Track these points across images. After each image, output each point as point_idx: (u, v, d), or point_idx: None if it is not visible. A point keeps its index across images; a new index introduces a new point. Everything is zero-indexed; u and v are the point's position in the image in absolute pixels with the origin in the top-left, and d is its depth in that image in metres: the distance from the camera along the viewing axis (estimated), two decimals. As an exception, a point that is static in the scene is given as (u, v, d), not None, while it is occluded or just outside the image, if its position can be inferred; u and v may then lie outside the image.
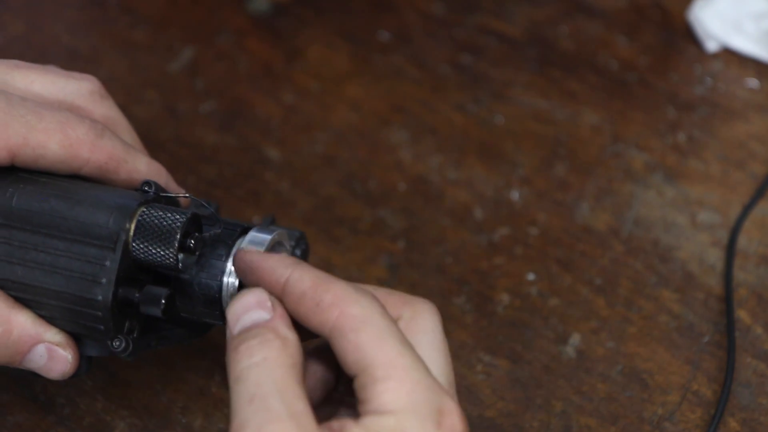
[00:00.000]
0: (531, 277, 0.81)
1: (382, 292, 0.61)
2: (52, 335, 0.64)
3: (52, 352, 0.64)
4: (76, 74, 0.69)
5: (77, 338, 0.65)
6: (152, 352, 0.76)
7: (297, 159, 0.88)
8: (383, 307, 0.58)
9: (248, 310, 0.58)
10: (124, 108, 0.71)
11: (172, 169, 0.71)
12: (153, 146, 0.76)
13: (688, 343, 0.77)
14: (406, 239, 0.83)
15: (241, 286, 0.65)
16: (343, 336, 0.57)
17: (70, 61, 0.94)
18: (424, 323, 0.60)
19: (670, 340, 0.77)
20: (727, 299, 0.79)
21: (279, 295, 0.59)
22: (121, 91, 0.91)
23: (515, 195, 0.86)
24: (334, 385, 0.62)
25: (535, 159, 0.88)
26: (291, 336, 0.57)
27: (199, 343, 0.76)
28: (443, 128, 0.90)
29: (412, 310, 0.60)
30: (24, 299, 0.63)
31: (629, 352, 0.77)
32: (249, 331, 0.58)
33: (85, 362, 0.66)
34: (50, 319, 0.64)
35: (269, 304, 0.58)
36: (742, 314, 0.78)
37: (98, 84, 0.69)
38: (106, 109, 0.69)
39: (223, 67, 0.95)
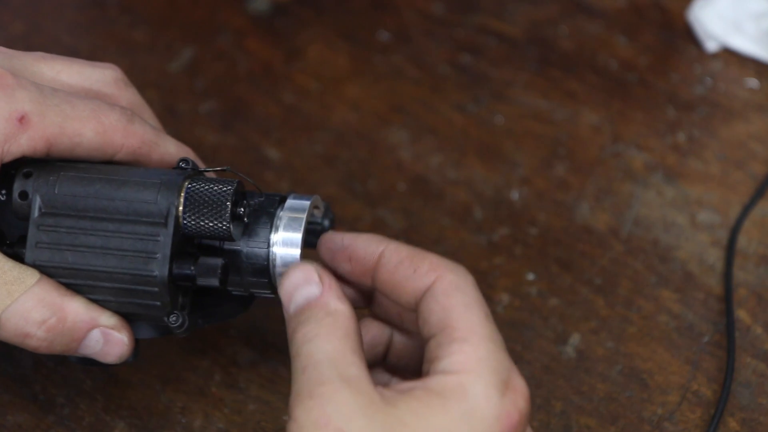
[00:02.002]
0: (531, 277, 0.81)
1: None
2: (107, 319, 0.64)
3: (107, 336, 0.65)
4: (100, 63, 0.70)
5: (129, 321, 0.65)
6: (153, 351, 0.76)
7: (297, 159, 0.88)
8: (474, 280, 0.61)
9: (298, 287, 0.60)
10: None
11: (172, 169, 0.71)
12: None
13: (688, 343, 0.77)
14: (406, 239, 0.83)
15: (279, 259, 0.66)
16: (434, 297, 0.59)
17: (70, 61, 0.94)
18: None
19: (670, 340, 0.77)
20: (727, 299, 0.79)
21: (371, 265, 0.62)
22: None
23: (515, 195, 0.86)
24: (385, 349, 0.65)
25: (535, 159, 0.88)
26: (341, 307, 0.60)
27: (199, 343, 0.76)
28: (443, 128, 0.90)
29: None
30: (75, 285, 0.64)
31: (629, 352, 0.76)
32: (303, 312, 0.60)
33: (135, 347, 0.66)
34: (103, 303, 0.64)
35: (317, 278, 0.60)
36: (742, 314, 0.78)
37: (121, 72, 0.70)
38: (130, 95, 0.70)
39: (223, 67, 0.95)
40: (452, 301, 0.59)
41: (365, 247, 0.63)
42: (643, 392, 0.75)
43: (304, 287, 0.60)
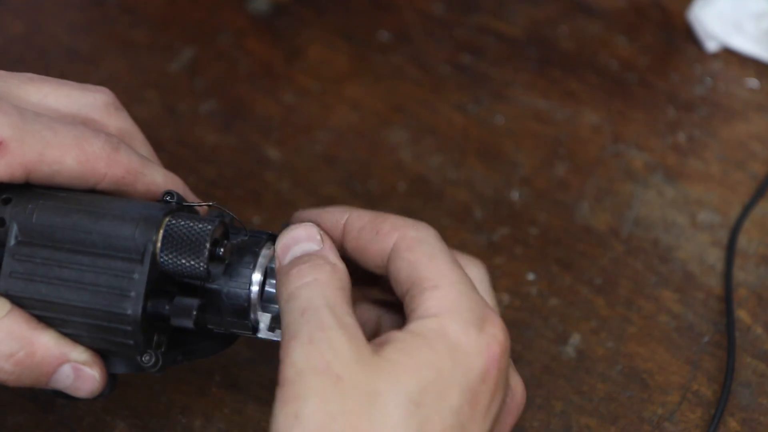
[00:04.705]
0: (531, 277, 0.81)
1: None
2: (78, 354, 0.63)
3: (78, 372, 0.63)
4: (90, 86, 0.68)
5: (103, 355, 0.64)
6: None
7: (297, 159, 0.88)
8: (437, 233, 0.62)
9: (298, 242, 0.62)
10: (124, 108, 0.71)
11: (172, 169, 0.70)
12: (153, 147, 0.75)
13: (688, 343, 0.77)
14: (406, 239, 0.83)
15: (262, 296, 0.64)
16: (399, 255, 0.61)
17: (70, 61, 0.94)
18: (470, 272, 0.64)
19: (670, 340, 0.77)
20: (727, 299, 0.79)
21: (339, 235, 0.63)
22: (121, 91, 0.90)
23: (515, 195, 0.86)
24: (373, 332, 0.66)
25: (535, 159, 0.88)
26: (340, 264, 0.61)
27: (199, 343, 0.76)
28: (443, 128, 0.90)
29: (462, 262, 0.64)
30: (48, 318, 0.62)
31: (629, 352, 0.77)
32: (300, 259, 0.61)
33: (110, 381, 0.64)
34: (76, 337, 0.62)
35: (318, 237, 0.62)
36: (742, 314, 0.78)
37: (113, 96, 0.68)
38: (120, 121, 0.68)
39: (223, 67, 0.95)
40: (416, 254, 0.61)
41: (330, 218, 0.64)
42: (644, 392, 0.75)
43: (304, 243, 0.62)
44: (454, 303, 0.59)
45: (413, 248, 0.61)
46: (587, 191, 0.86)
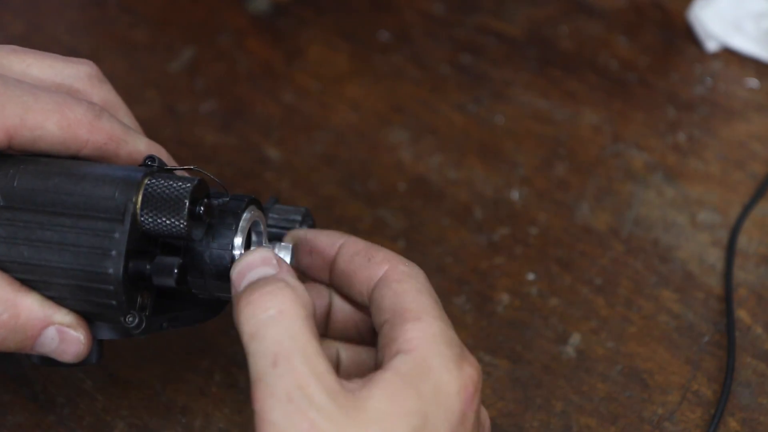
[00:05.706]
0: (531, 277, 0.81)
1: None
2: (62, 316, 0.63)
3: (63, 334, 0.63)
4: (74, 59, 0.68)
5: (88, 320, 0.64)
6: (153, 351, 0.76)
7: (297, 159, 0.88)
8: (425, 275, 0.63)
9: (253, 268, 0.60)
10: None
11: (172, 169, 0.71)
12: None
13: (688, 343, 0.77)
14: (406, 239, 0.83)
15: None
16: (387, 285, 0.62)
17: (70, 61, 0.94)
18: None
19: (670, 340, 0.77)
20: (727, 299, 0.79)
21: (330, 258, 0.65)
22: (121, 91, 0.90)
23: (515, 195, 0.86)
24: (326, 314, 0.67)
25: (535, 159, 0.88)
26: (300, 286, 0.59)
27: (199, 343, 0.76)
28: (443, 128, 0.90)
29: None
30: (31, 281, 0.62)
31: (629, 352, 0.77)
32: (258, 283, 0.59)
33: (96, 348, 0.64)
34: (59, 300, 0.63)
35: (274, 261, 0.60)
36: (742, 314, 0.78)
37: (96, 68, 0.68)
38: (104, 92, 0.68)
39: (223, 67, 0.95)
40: (404, 286, 0.61)
41: (326, 240, 0.65)
42: (644, 392, 0.75)
43: (260, 268, 0.60)
44: (435, 337, 0.59)
45: (402, 280, 0.62)
46: (587, 191, 0.86)
